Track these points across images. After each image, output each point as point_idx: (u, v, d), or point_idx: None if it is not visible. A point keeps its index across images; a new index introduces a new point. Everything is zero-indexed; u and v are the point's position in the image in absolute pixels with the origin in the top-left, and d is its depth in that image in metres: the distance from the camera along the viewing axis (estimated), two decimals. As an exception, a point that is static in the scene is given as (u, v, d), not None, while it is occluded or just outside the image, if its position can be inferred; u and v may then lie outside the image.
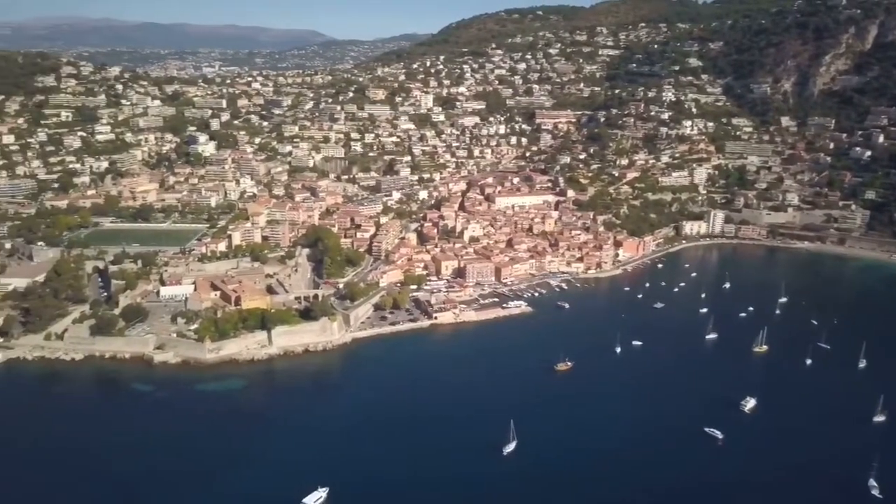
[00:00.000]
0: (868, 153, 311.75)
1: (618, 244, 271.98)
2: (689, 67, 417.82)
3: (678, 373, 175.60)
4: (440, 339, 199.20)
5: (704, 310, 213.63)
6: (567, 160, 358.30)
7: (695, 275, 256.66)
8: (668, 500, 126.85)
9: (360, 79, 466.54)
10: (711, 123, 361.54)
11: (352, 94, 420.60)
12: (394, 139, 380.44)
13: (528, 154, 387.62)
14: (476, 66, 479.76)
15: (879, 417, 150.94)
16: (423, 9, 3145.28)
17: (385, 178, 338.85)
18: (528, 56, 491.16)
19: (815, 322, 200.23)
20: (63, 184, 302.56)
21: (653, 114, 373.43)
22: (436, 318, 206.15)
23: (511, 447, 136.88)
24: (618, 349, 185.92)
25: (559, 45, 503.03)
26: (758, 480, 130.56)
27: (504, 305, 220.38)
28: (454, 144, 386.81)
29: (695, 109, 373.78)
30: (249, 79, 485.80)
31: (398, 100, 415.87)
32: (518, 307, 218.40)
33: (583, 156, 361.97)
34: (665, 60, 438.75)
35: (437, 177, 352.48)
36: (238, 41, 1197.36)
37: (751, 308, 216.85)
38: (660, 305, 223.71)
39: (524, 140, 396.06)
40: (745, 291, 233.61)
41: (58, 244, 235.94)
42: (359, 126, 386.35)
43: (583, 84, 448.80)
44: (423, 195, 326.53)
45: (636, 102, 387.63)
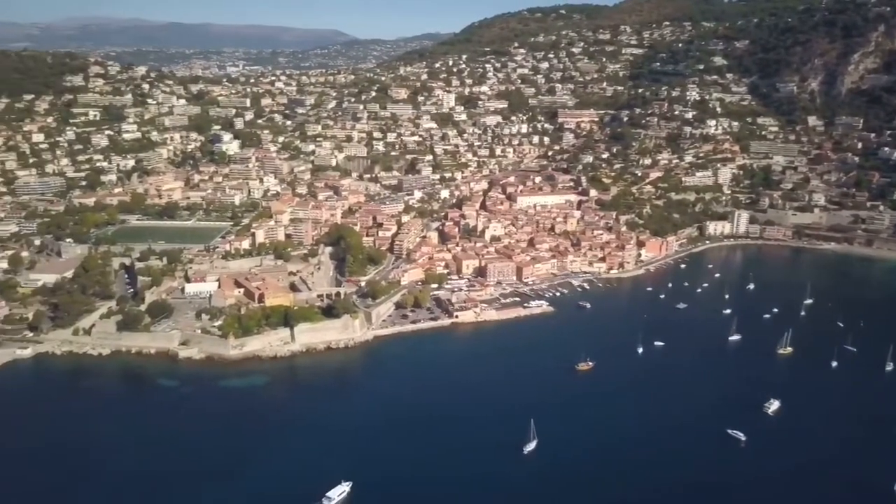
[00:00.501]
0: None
1: (640, 244, 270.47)
2: (714, 66, 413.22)
3: (700, 374, 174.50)
4: (461, 338, 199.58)
5: (728, 311, 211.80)
6: (590, 159, 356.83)
7: (718, 275, 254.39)
8: (689, 501, 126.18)
9: (383, 78, 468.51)
10: (736, 123, 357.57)
11: (374, 94, 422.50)
12: (416, 138, 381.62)
13: (551, 153, 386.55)
14: (498, 66, 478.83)
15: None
16: (446, 8, 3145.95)
17: (407, 177, 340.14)
18: (551, 55, 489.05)
19: (842, 324, 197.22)
20: (91, 182, 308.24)
21: (676, 113, 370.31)
22: (457, 317, 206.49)
23: (531, 446, 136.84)
24: (640, 349, 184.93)
25: (582, 44, 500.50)
26: (780, 483, 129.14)
27: (525, 305, 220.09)
28: (476, 143, 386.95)
29: (719, 109, 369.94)
30: (273, 78, 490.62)
31: (420, 99, 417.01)
32: (539, 307, 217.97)
33: (605, 155, 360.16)
34: (689, 59, 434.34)
35: (459, 176, 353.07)
36: (261, 41, 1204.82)
37: (775, 309, 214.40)
38: (682, 306, 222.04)
39: (546, 139, 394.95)
40: (770, 292, 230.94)
41: (86, 241, 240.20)
42: (381, 125, 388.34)
43: (606, 83, 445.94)
44: (445, 194, 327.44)
45: (660, 102, 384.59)
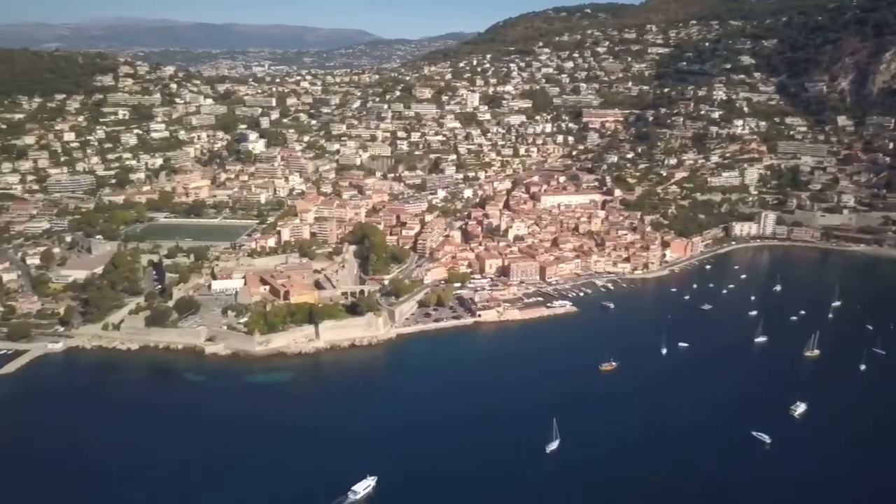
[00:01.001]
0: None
1: (665, 244, 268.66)
2: (742, 65, 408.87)
3: (725, 375, 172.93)
4: (484, 337, 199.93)
5: (754, 312, 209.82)
6: (614, 159, 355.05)
7: (744, 277, 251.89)
8: (713, 502, 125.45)
9: (407, 78, 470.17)
10: (764, 123, 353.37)
11: (398, 93, 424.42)
12: (439, 138, 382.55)
13: (575, 153, 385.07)
14: (523, 65, 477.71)
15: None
16: (471, 8, 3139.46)
17: (430, 177, 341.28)
18: (576, 54, 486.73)
19: (871, 327, 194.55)
20: (120, 180, 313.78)
21: (703, 113, 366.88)
22: (479, 316, 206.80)
23: (554, 445, 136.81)
24: (664, 350, 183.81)
25: (607, 44, 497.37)
26: (805, 486, 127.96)
27: (549, 305, 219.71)
28: (500, 143, 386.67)
29: (746, 108, 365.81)
30: (298, 78, 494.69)
31: (444, 98, 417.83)
32: (563, 307, 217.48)
33: (630, 155, 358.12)
34: (716, 58, 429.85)
35: (483, 175, 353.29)
36: (286, 40, 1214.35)
37: (802, 311, 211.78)
38: (707, 307, 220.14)
39: (571, 139, 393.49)
40: (797, 294, 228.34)
41: (115, 238, 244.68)
42: (405, 125, 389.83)
43: (631, 83, 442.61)
44: (468, 193, 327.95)
45: (686, 101, 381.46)
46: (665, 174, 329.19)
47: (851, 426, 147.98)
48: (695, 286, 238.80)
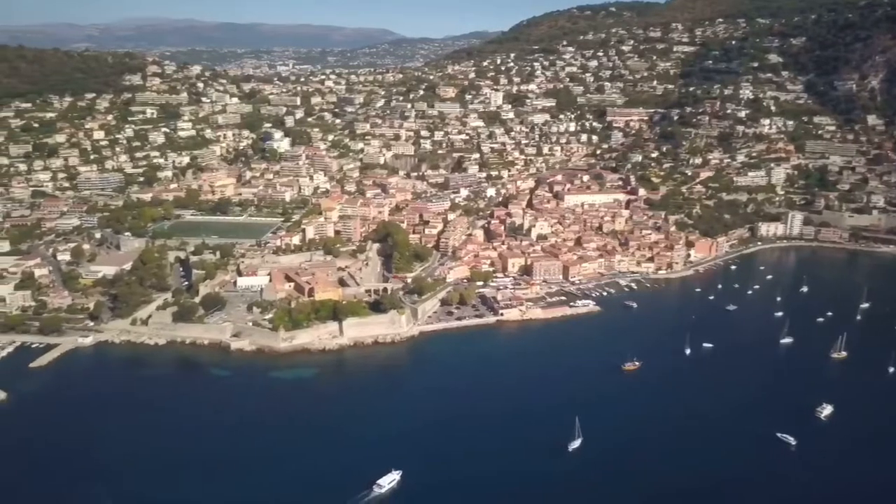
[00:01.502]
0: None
1: (690, 244, 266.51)
2: (769, 64, 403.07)
3: (750, 376, 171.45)
4: (506, 336, 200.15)
5: (780, 313, 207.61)
6: (639, 158, 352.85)
7: (770, 277, 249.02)
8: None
9: (431, 77, 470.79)
10: (791, 122, 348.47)
11: (422, 92, 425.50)
12: (463, 137, 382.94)
13: (599, 152, 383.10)
14: (547, 64, 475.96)
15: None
16: (494, 7, 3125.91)
17: (453, 176, 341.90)
18: (600, 53, 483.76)
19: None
20: (148, 178, 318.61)
21: (729, 112, 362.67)
22: (502, 315, 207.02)
23: (576, 444, 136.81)
24: (687, 350, 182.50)
25: (632, 42, 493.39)
26: (830, 489, 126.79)
27: (571, 304, 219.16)
28: (523, 142, 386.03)
29: (774, 107, 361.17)
30: (322, 77, 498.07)
31: (468, 97, 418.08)
32: (586, 306, 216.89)
33: (655, 154, 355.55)
34: (743, 57, 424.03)
35: (506, 174, 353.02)
36: (311, 40, 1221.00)
37: (829, 313, 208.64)
38: (732, 307, 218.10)
39: (595, 138, 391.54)
40: (824, 295, 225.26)
41: (143, 235, 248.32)
42: (429, 124, 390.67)
43: (656, 81, 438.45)
44: (491, 192, 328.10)
45: (711, 100, 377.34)
46: (690, 174, 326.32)
47: (878, 429, 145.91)
48: (719, 286, 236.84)
